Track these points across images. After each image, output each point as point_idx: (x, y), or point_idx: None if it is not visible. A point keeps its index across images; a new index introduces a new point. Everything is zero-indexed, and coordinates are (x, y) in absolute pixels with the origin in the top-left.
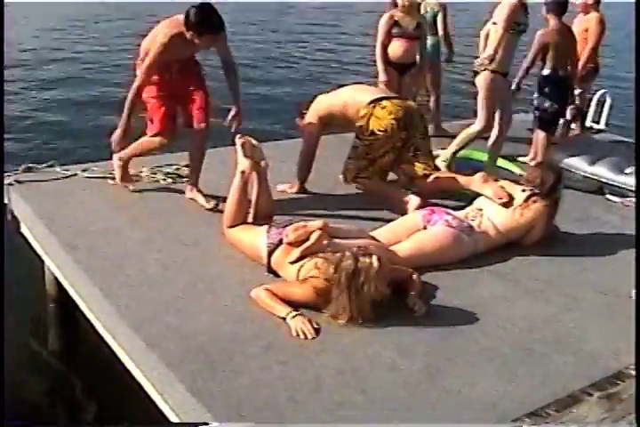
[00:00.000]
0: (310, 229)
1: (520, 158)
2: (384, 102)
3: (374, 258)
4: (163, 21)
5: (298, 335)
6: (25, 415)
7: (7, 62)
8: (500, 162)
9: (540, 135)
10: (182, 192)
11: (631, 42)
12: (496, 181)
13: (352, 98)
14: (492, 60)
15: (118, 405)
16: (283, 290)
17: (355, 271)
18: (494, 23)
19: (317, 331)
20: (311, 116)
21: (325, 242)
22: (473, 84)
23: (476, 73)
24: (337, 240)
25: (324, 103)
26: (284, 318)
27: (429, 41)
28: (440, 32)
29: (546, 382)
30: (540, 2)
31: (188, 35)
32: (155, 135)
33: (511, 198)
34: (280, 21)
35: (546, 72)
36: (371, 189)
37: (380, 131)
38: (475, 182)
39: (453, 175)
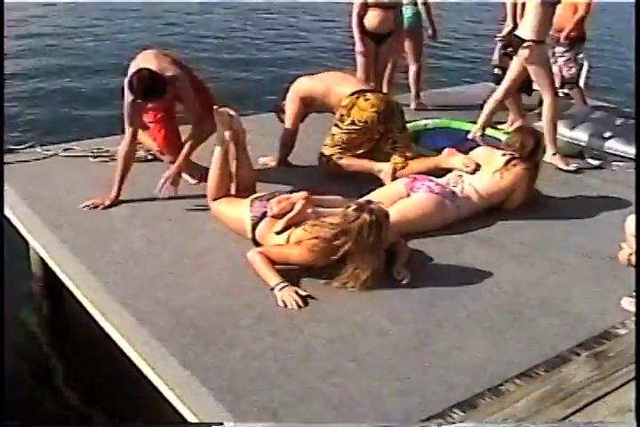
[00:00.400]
0: (294, 200)
1: (500, 126)
2: (368, 95)
3: (376, 211)
4: None
5: (285, 306)
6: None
7: None
8: (488, 131)
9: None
10: (165, 168)
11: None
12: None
13: (335, 85)
14: (535, 31)
15: (109, 383)
16: (279, 251)
17: (372, 222)
18: None
19: (305, 301)
20: (292, 96)
21: (310, 210)
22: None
23: (514, 45)
24: (321, 209)
25: (305, 86)
26: (273, 289)
27: (409, 10)
28: (419, 3)
29: (534, 343)
30: None
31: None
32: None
33: (483, 164)
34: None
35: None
36: (344, 167)
37: (360, 122)
38: (443, 159)
39: (424, 160)
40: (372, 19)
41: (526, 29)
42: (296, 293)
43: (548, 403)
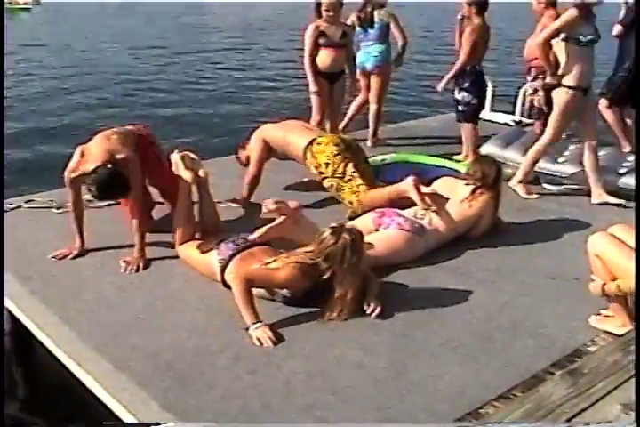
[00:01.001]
0: (286, 211)
1: (456, 157)
2: (318, 139)
3: (354, 231)
4: None
5: (261, 344)
6: None
7: None
8: (445, 163)
9: (468, 128)
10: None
11: None
12: None
13: (291, 138)
14: (562, 74)
15: None
16: (265, 273)
17: (353, 242)
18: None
19: (281, 338)
20: (256, 140)
21: (289, 227)
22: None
23: (549, 88)
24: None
25: (269, 133)
26: (248, 329)
27: (378, 48)
28: (400, 41)
29: (509, 366)
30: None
31: None
32: None
33: (447, 195)
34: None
35: (467, 68)
36: (372, 202)
37: (329, 157)
38: (408, 188)
39: (386, 189)
40: (325, 58)
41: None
42: (270, 330)
43: (529, 421)
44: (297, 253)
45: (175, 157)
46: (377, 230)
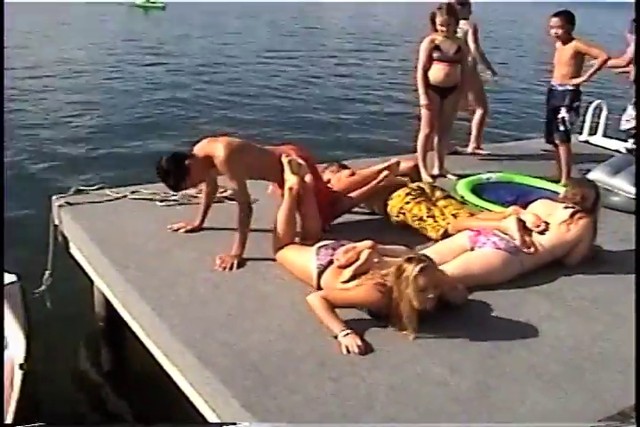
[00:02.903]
0: (360, 250)
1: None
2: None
3: (416, 263)
4: None
5: (348, 352)
6: None
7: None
8: (549, 185)
9: (568, 150)
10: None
11: None
12: None
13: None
14: None
15: (168, 423)
16: (340, 294)
17: (401, 269)
18: None
19: (368, 348)
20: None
21: (376, 260)
22: None
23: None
24: (387, 258)
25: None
26: (336, 337)
27: None
28: (473, 52)
29: (595, 399)
30: None
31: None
32: None
33: (545, 218)
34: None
35: (573, 87)
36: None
37: (402, 206)
38: (510, 227)
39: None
40: (437, 73)
41: None
42: (360, 340)
43: None
44: (377, 274)
45: (283, 161)
46: (472, 249)
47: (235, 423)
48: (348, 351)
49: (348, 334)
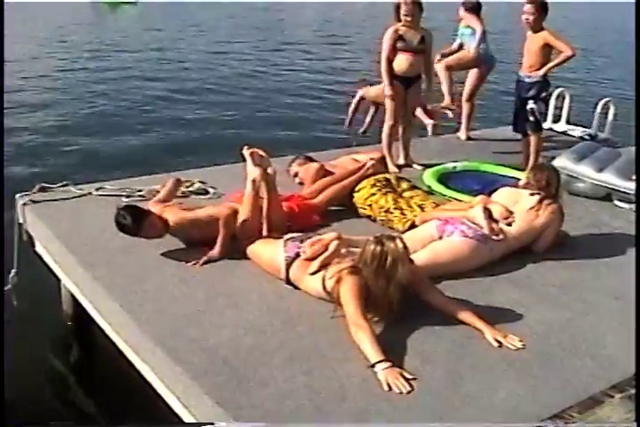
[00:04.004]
0: (326, 242)
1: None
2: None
3: (398, 240)
4: None
5: (390, 389)
6: None
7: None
8: (515, 173)
9: (537, 139)
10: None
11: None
12: None
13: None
14: None
15: (139, 420)
16: (349, 301)
17: (382, 252)
18: None
19: (410, 383)
20: (311, 182)
21: (343, 251)
22: None
23: None
24: (353, 249)
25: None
26: (373, 366)
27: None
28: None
29: (566, 385)
30: None
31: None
32: None
33: (511, 205)
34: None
35: (541, 78)
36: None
37: (367, 198)
38: (477, 216)
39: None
40: (402, 62)
41: None
42: (401, 375)
43: None
44: (345, 264)
45: (244, 153)
46: (441, 238)
47: (212, 423)
48: (390, 388)
49: (387, 367)
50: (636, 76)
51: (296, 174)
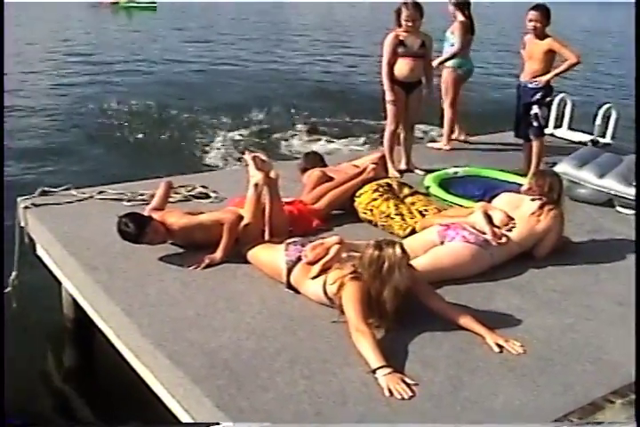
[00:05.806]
0: (328, 246)
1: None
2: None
3: (397, 246)
4: None
5: (391, 394)
6: None
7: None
8: (516, 178)
9: (540, 144)
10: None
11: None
12: None
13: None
14: None
15: (139, 423)
16: (353, 307)
17: (379, 257)
18: None
19: (410, 388)
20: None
21: (344, 255)
22: None
23: None
24: (354, 253)
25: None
26: (374, 371)
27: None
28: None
29: (567, 390)
30: None
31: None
32: None
33: (511, 210)
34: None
35: (544, 84)
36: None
37: (369, 204)
38: (477, 218)
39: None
40: (402, 68)
41: None
42: (402, 380)
43: None
44: (347, 268)
45: (247, 158)
46: (442, 243)
47: (218, 423)
48: (391, 394)
49: (388, 373)
50: (635, 79)
51: (305, 170)
